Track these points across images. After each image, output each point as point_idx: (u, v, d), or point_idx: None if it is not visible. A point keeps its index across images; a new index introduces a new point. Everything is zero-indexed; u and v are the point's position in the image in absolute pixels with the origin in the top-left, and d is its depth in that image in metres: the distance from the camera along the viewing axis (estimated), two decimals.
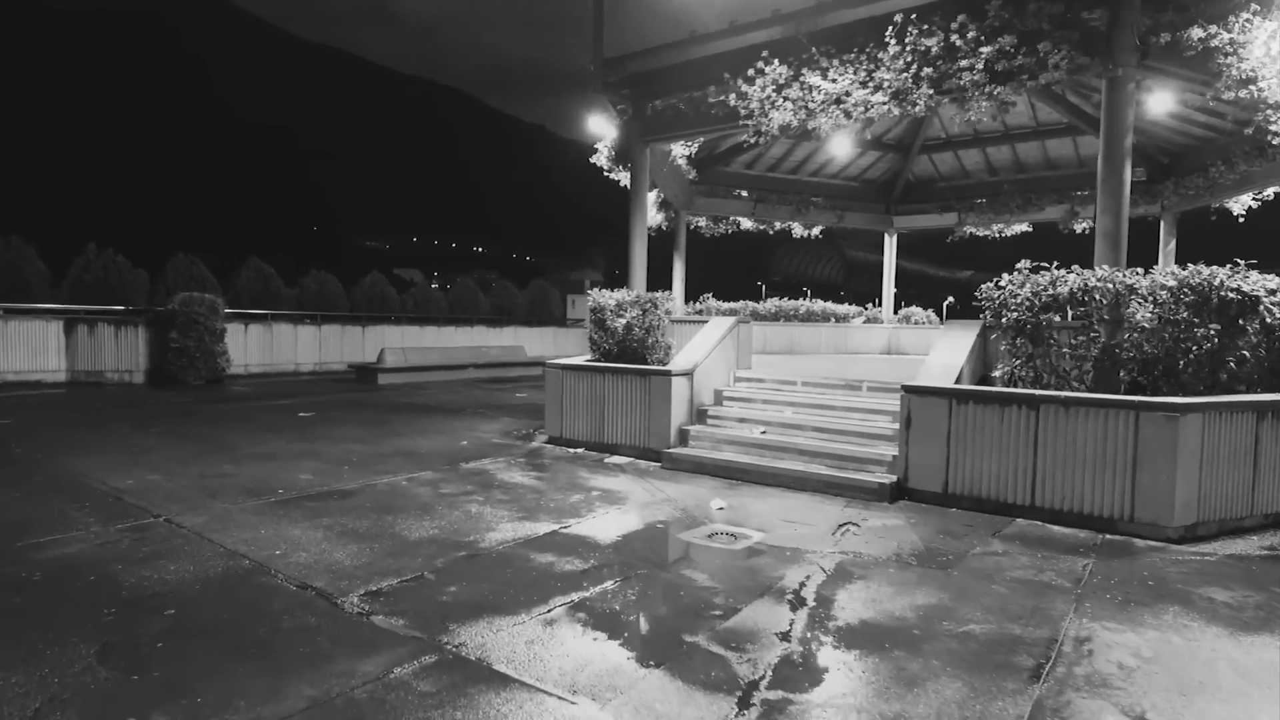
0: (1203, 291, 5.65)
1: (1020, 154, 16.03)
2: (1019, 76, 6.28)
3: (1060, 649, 3.45)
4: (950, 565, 4.69)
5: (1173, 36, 6.05)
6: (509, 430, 10.11)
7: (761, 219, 16.55)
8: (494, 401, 13.77)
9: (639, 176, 9.72)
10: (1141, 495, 5.29)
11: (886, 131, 15.65)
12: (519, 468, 7.61)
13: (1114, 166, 6.37)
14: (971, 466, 6.02)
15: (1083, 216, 15.67)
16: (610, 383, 8.40)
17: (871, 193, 17.60)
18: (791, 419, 7.78)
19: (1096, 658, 3.36)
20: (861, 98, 7.03)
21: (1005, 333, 6.40)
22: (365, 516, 5.55)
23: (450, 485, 6.69)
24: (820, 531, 5.45)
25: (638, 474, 7.40)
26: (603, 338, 9.04)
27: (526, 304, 31.96)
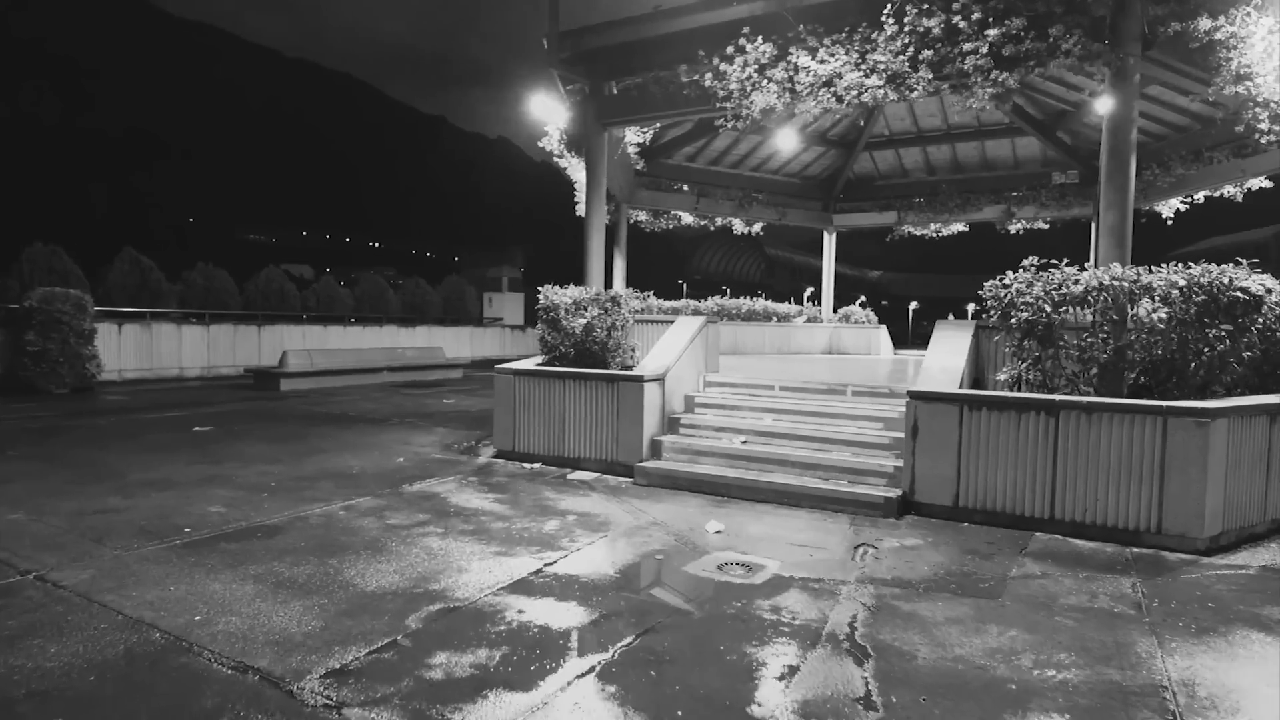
0: (1212, 291, 5.54)
1: (959, 154, 16.32)
2: (1026, 63, 6.03)
3: (1176, 699, 3.06)
4: (997, 593, 4.30)
5: (1182, 26, 5.95)
6: (448, 443, 9.22)
7: (704, 214, 16.17)
8: (421, 409, 12.74)
9: (596, 163, 9.05)
10: (1170, 505, 5.09)
11: (832, 126, 15.58)
12: (473, 488, 6.80)
13: (1120, 160, 6.24)
14: (985, 478, 5.71)
15: (1018, 217, 16.10)
16: (572, 390, 7.70)
17: (812, 190, 17.56)
18: (773, 427, 7.32)
19: (1221, 709, 2.99)
20: (854, 81, 6.63)
21: (1011, 334, 6.14)
22: (303, 561, 4.66)
23: (398, 514, 5.83)
24: (837, 557, 4.98)
25: (610, 493, 6.75)
26: (557, 339, 8.32)
27: (441, 302, 30.56)
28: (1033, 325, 5.89)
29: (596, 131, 8.93)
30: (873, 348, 17.15)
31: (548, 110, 10.59)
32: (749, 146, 15.53)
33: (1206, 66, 6.31)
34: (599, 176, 9.08)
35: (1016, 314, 5.95)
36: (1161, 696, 3.08)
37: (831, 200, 17.71)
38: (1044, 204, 15.63)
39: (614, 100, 8.70)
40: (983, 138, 15.37)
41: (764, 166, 16.50)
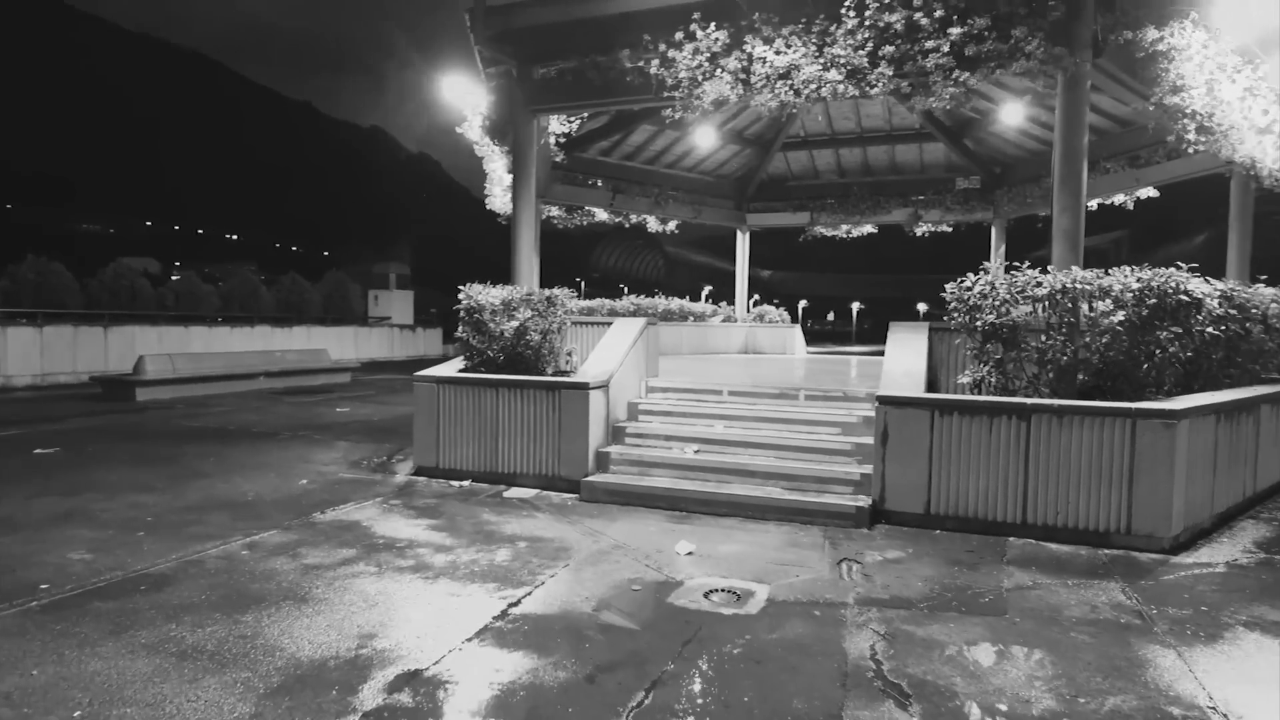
0: (1162, 294, 5.71)
1: (870, 157, 16.79)
2: (987, 64, 6.04)
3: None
4: (1001, 608, 4.17)
5: (1133, 35, 6.13)
6: (356, 459, 8.38)
7: (619, 210, 15.83)
8: (314, 420, 11.66)
9: (524, 153, 8.47)
10: (1139, 507, 5.19)
11: (749, 125, 15.64)
12: (399, 514, 6.12)
13: (1073, 165, 6.37)
14: (957, 484, 5.66)
15: (925, 220, 16.74)
16: (506, 399, 7.12)
17: (726, 188, 17.60)
18: (726, 435, 7.05)
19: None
20: (813, 74, 6.45)
21: (972, 335, 6.14)
22: (208, 620, 3.91)
23: (316, 551, 5.10)
24: (824, 576, 4.73)
25: (557, 512, 6.25)
26: (484, 343, 7.70)
27: (321, 300, 28.63)
28: (997, 328, 5.90)
29: (525, 118, 8.36)
30: (788, 347, 17.38)
31: (464, 94, 9.91)
32: (666, 143, 15.34)
33: (1146, 78, 6.57)
34: (527, 167, 8.52)
35: (982, 316, 5.94)
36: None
37: (745, 200, 17.83)
38: (949, 208, 16.32)
39: (545, 85, 8.16)
40: (894, 142, 15.86)
41: (679, 164, 16.36)
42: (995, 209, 15.76)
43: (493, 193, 12.85)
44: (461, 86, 10.05)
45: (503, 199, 12.85)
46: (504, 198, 12.81)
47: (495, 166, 11.51)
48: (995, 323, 5.88)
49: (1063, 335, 5.85)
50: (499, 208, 13.04)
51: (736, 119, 15.23)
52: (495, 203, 12.97)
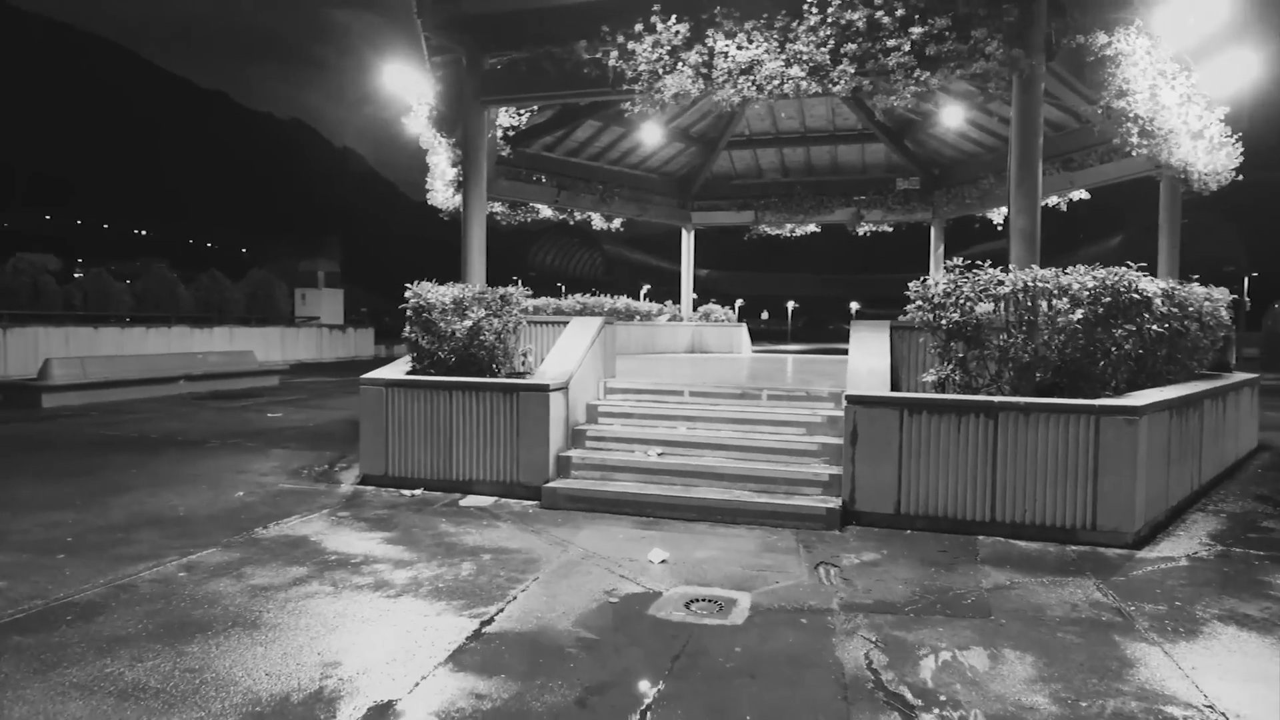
0: (1117, 292, 5.87)
1: (813, 157, 17.00)
2: (948, 64, 6.09)
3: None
4: (985, 609, 4.17)
5: (1084, 39, 6.28)
6: (295, 468, 7.93)
7: (564, 207, 15.60)
8: (244, 426, 11.04)
9: (475, 146, 8.16)
10: (1103, 503, 5.31)
11: (695, 123, 15.62)
12: (350, 526, 5.78)
13: (1028, 167, 6.48)
14: (927, 484, 5.68)
15: (867, 220, 17.04)
16: (461, 402, 6.83)
17: (671, 186, 17.56)
18: (689, 436, 6.94)
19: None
20: (775, 70, 6.39)
21: (935, 334, 6.19)
22: (149, 653, 3.55)
23: (263, 570, 4.74)
24: (804, 581, 4.66)
25: (518, 520, 6.01)
26: (434, 344, 7.39)
27: (244, 299, 27.35)
28: (962, 326, 5.96)
29: (475, 110, 8.06)
30: (734, 346, 17.45)
31: (407, 83, 9.52)
32: (611, 139, 15.18)
33: (1094, 82, 6.76)
34: (478, 161, 8.21)
35: (946, 315, 5.99)
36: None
37: (690, 198, 17.82)
38: (890, 208, 16.65)
39: (497, 75, 7.88)
40: (837, 142, 16.09)
41: (624, 160, 16.22)
42: (934, 209, 16.16)
43: (434, 187, 12.45)
44: (405, 76, 9.66)
45: (444, 194, 12.47)
46: (446, 192, 12.43)
47: (438, 160, 11.13)
48: (960, 321, 5.94)
49: (1023, 333, 5.95)
50: (440, 203, 12.64)
51: (682, 116, 15.18)
52: (437, 198, 12.56)
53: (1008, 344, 5.91)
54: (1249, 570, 4.89)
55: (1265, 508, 6.53)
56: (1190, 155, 7.87)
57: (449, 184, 12.25)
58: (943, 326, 6.02)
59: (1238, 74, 7.77)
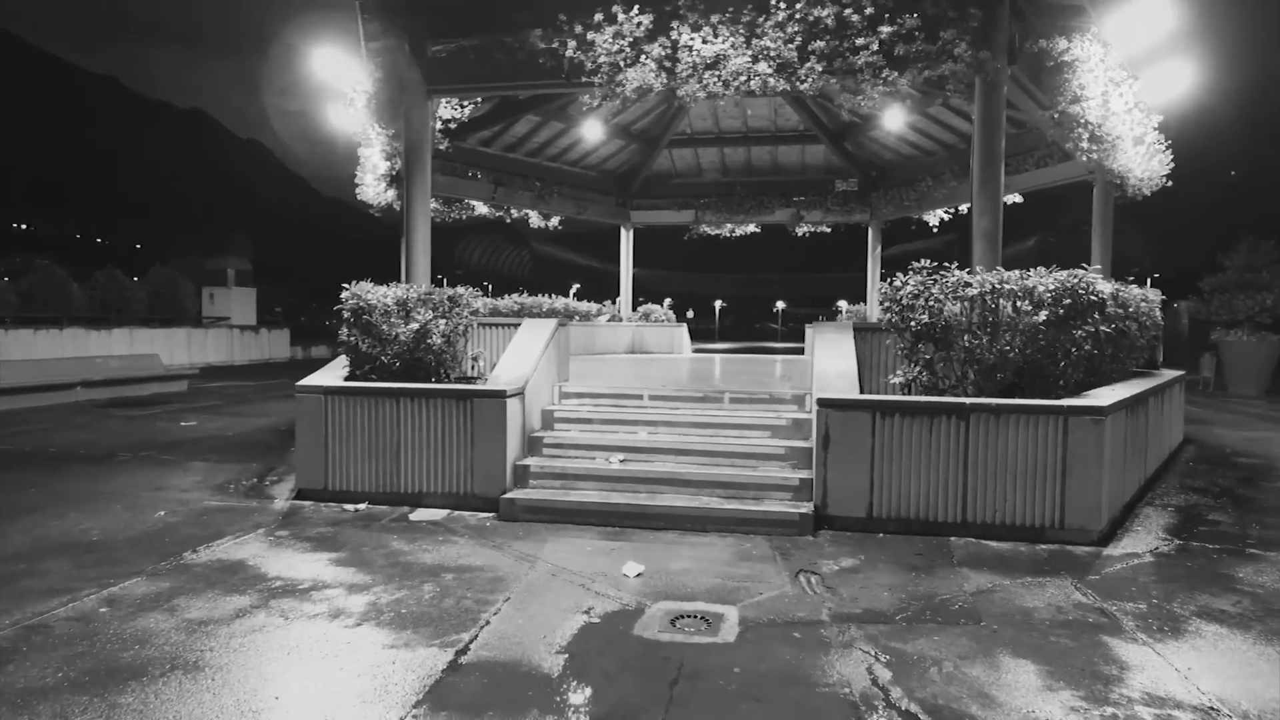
0: (1076, 294, 6.01)
1: (754, 157, 17.12)
2: (916, 64, 6.11)
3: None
4: (974, 614, 4.16)
5: (1046, 44, 6.41)
6: (221, 483, 7.36)
7: (501, 204, 15.22)
8: (155, 437, 10.25)
9: (418, 137, 7.75)
10: (1071, 501, 5.41)
11: (637, 120, 15.48)
12: (291, 547, 5.35)
13: (991, 168, 6.58)
14: (898, 486, 5.67)
15: (806, 221, 17.28)
16: (410, 410, 6.46)
17: (610, 184, 17.39)
18: (651, 442, 6.77)
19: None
20: (742, 65, 6.28)
21: (902, 335, 6.21)
22: (75, 706, 3.14)
23: (199, 601, 4.31)
24: (788, 592, 4.55)
25: (476, 535, 5.71)
26: (375, 348, 6.98)
27: (148, 298, 25.69)
28: (930, 328, 5.99)
29: (419, 100, 7.66)
30: (675, 346, 17.40)
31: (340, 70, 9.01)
32: (550, 134, 14.89)
33: (1051, 87, 6.93)
34: (422, 155, 7.82)
35: (915, 317, 6.01)
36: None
37: (629, 196, 17.69)
38: (829, 209, 16.93)
39: (443, 63, 7.51)
40: (778, 142, 16.23)
41: (563, 157, 15.95)
42: (872, 211, 16.50)
43: (364, 181, 11.91)
44: (338, 62, 9.14)
45: (376, 188, 11.95)
46: (377, 187, 11.91)
47: (371, 153, 10.64)
48: (929, 322, 5.97)
49: (987, 334, 6.02)
50: (371, 198, 12.11)
51: (625, 113, 15.03)
52: (367, 192, 12.02)
53: (973, 345, 5.97)
54: (1210, 564, 5.05)
55: (1206, 500, 6.82)
56: (1131, 161, 8.20)
57: (381, 178, 11.73)
58: (911, 328, 6.04)
59: (1170, 84, 8.13)
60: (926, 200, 14.89)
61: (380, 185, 11.82)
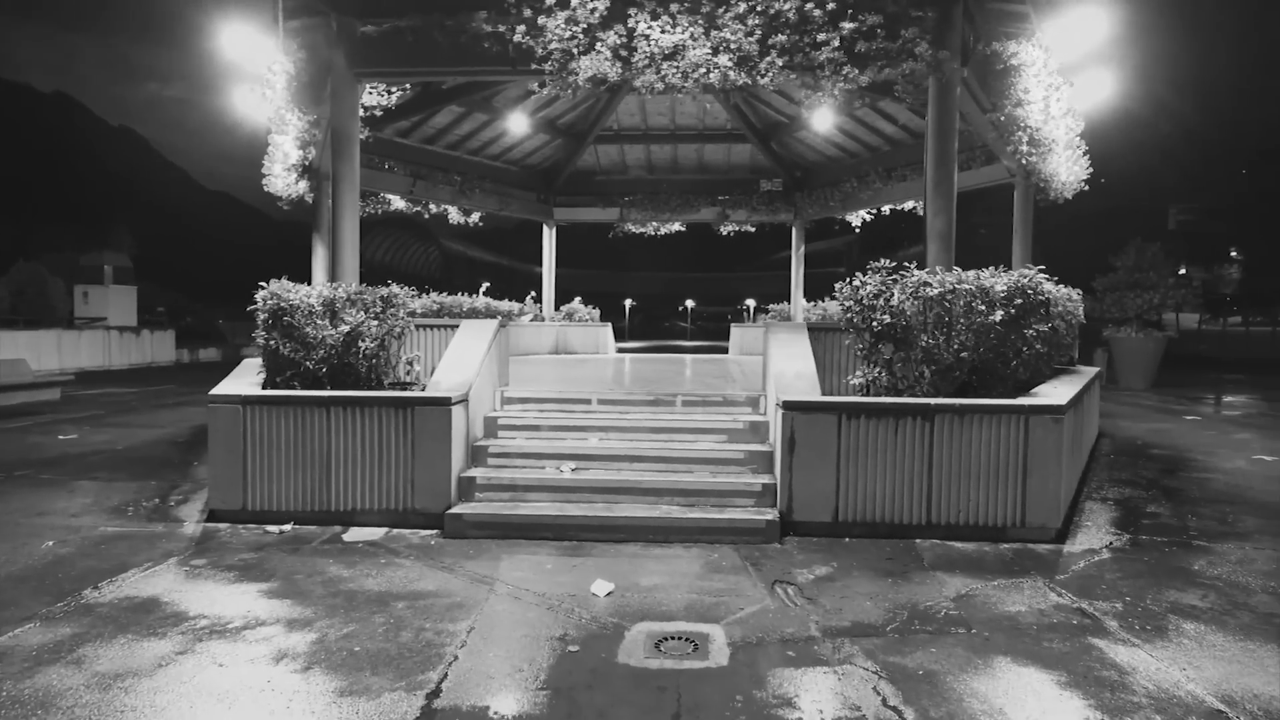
0: (1027, 294, 6.12)
1: (680, 155, 17.05)
2: (876, 62, 6.06)
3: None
4: (962, 622, 4.10)
5: (1000, 47, 6.49)
6: (116, 505, 6.60)
7: (419, 199, 14.57)
8: (30, 453, 9.17)
9: (346, 124, 7.18)
10: (1032, 500, 5.47)
11: (563, 114, 15.16)
12: (212, 578, 4.78)
13: (945, 169, 6.62)
14: (864, 489, 5.60)
15: (732, 220, 17.34)
16: (342, 420, 5.94)
17: (532, 180, 16.99)
18: (603, 448, 6.48)
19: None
20: (702, 57, 6.07)
21: (860, 336, 6.16)
22: None
23: (111, 649, 3.75)
24: (769, 606, 4.38)
25: (422, 555, 5.28)
26: (300, 353, 6.41)
27: (10, 297, 23.36)
28: (891, 328, 5.95)
29: (347, 83, 7.09)
30: (600, 346, 17.14)
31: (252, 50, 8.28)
32: (473, 127, 14.39)
33: (997, 90, 7.06)
34: (350, 143, 7.26)
35: (876, 316, 5.96)
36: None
37: (552, 193, 17.33)
38: (754, 208, 17.06)
39: (375, 44, 6.96)
40: (704, 141, 16.22)
41: (485, 151, 15.45)
42: (797, 211, 16.71)
43: (273, 171, 11.06)
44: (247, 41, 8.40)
45: (286, 179, 11.11)
46: (288, 178, 11.08)
47: (284, 140, 9.86)
48: (890, 323, 5.93)
49: (943, 334, 6.05)
50: (281, 190, 11.26)
51: (551, 106, 14.68)
52: (276, 184, 11.18)
53: (931, 345, 5.98)
54: (1165, 558, 5.19)
55: (1138, 492, 7.10)
56: (1059, 165, 8.50)
57: (292, 168, 10.93)
58: (873, 328, 5.99)
59: (1093, 91, 8.47)
60: (851, 201, 15.17)
61: (291, 176, 10.99)
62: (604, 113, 14.67)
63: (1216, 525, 5.93)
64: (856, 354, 6.27)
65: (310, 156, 10.76)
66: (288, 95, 7.56)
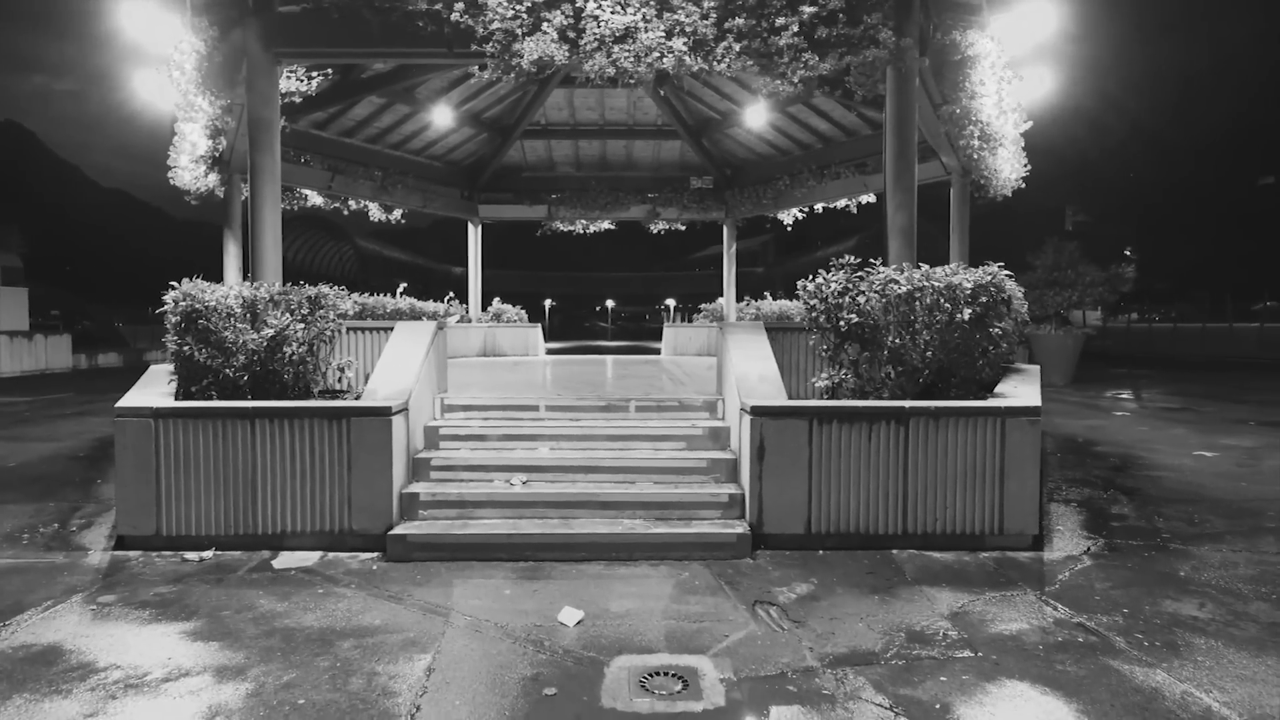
0: (991, 291, 6.03)
1: (609, 151, 16.72)
2: (837, 49, 5.84)
3: None
4: (966, 644, 3.85)
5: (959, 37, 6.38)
6: (9, 531, 5.81)
7: (338, 195, 13.80)
8: None
9: (266, 110, 6.50)
10: (1010, 505, 5.35)
11: (489, 108, 14.60)
12: (125, 618, 4.15)
13: (905, 161, 6.46)
14: (838, 498, 5.37)
15: (662, 218, 17.12)
16: (269, 433, 5.32)
17: (455, 176, 16.40)
18: (555, 459, 6.06)
19: None
20: (655, 40, 5.72)
21: (825, 335, 5.95)
22: None
23: (2, 714, 3.12)
24: (755, 631, 4.06)
25: (365, 582, 4.75)
26: (218, 360, 5.75)
27: None
28: (859, 327, 5.75)
29: (265, 65, 6.41)
30: (530, 348, 16.65)
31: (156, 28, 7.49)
32: (394, 119, 13.71)
33: (952, 82, 6.97)
34: (271, 130, 6.57)
35: (843, 315, 5.75)
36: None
37: (477, 190, 16.76)
38: (685, 206, 16.88)
39: (297, 22, 6.32)
40: (634, 137, 15.94)
41: (407, 145, 14.77)
42: (728, 209, 16.60)
43: (179, 164, 10.27)
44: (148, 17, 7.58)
45: (194, 172, 10.34)
46: (196, 170, 10.31)
47: (193, 129, 9.08)
48: (858, 322, 5.73)
49: (909, 334, 5.89)
50: (188, 183, 10.47)
51: (476, 99, 14.12)
52: (184, 177, 10.37)
53: (898, 345, 5.81)
54: (1148, 563, 5.07)
55: (1096, 493, 7.11)
56: (1003, 161, 8.53)
57: (201, 160, 10.13)
58: (839, 328, 5.78)
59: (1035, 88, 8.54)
60: (785, 199, 15.13)
61: (200, 168, 10.21)
62: (531, 106, 14.19)
63: (1185, 526, 5.95)
64: (821, 355, 6.05)
65: (221, 147, 9.94)
66: (197, 78, 6.80)
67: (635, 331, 72.34)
